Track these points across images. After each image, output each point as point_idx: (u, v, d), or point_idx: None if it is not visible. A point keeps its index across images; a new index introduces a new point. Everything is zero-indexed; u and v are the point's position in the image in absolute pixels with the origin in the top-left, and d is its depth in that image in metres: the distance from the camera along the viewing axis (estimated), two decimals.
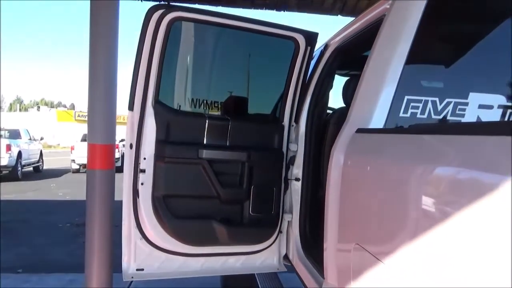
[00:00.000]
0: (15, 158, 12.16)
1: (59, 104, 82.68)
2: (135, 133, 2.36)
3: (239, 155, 2.54)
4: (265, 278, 3.70)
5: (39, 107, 63.23)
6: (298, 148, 2.69)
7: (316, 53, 2.79)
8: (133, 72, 2.34)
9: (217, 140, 2.53)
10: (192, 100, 2.72)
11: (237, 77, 2.92)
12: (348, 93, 2.49)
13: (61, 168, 16.13)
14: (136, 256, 2.48)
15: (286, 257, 2.80)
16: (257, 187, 2.60)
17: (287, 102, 2.71)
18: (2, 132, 13.67)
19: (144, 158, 2.40)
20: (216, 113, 2.79)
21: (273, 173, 2.66)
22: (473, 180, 0.94)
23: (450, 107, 1.53)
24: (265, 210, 2.62)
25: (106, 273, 2.75)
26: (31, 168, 14.51)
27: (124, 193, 2.43)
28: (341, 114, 2.78)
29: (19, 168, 12.50)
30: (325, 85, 2.65)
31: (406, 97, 1.53)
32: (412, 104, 1.53)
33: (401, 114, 1.54)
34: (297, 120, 2.71)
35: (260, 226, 2.63)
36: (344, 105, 2.77)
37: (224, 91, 2.85)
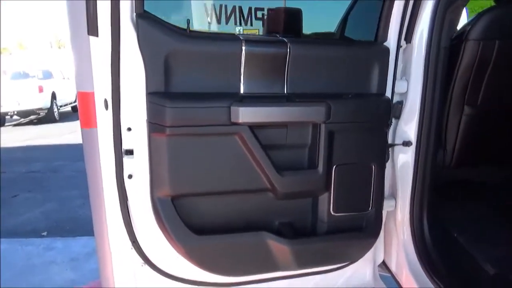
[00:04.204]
0: (50, 99, 11.80)
1: None
2: (108, 79, 1.31)
3: (308, 111, 1.44)
4: None
5: None
6: (410, 88, 1.59)
7: None
8: None
9: (265, 85, 1.43)
10: (213, 7, 1.52)
11: None
12: None
13: None
14: None
15: (383, 264, 1.85)
16: (344, 167, 1.51)
17: (394, 3, 1.50)
18: (35, 73, 13.24)
19: (129, 129, 1.38)
20: (255, 31, 1.63)
21: (371, 139, 1.55)
22: None
23: None
24: (358, 206, 1.58)
25: None
26: (69, 108, 14.28)
27: (93, 195, 1.46)
28: (493, 21, 1.60)
29: (55, 110, 12.20)
30: None
31: None
32: None
33: None
34: (409, 37, 1.55)
35: (350, 234, 1.60)
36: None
37: None
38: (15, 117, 11.84)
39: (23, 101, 10.98)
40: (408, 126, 1.61)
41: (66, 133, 10.11)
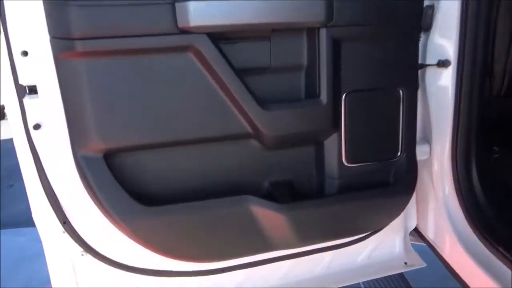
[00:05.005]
0: None
1: None
2: None
3: (299, 7, 0.93)
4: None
5: None
6: None
7: None
8: None
9: None
10: None
11: None
12: None
13: None
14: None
15: (416, 231, 1.44)
16: (357, 95, 1.04)
17: None
18: None
19: (25, 53, 0.91)
20: None
21: (396, 52, 1.06)
22: None
23: None
24: (382, 152, 1.13)
25: None
26: None
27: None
28: None
29: None
30: None
31: None
32: None
33: None
34: None
35: (372, 192, 1.14)
36: None
37: None
38: None
39: None
40: (443, 40, 1.14)
41: None
